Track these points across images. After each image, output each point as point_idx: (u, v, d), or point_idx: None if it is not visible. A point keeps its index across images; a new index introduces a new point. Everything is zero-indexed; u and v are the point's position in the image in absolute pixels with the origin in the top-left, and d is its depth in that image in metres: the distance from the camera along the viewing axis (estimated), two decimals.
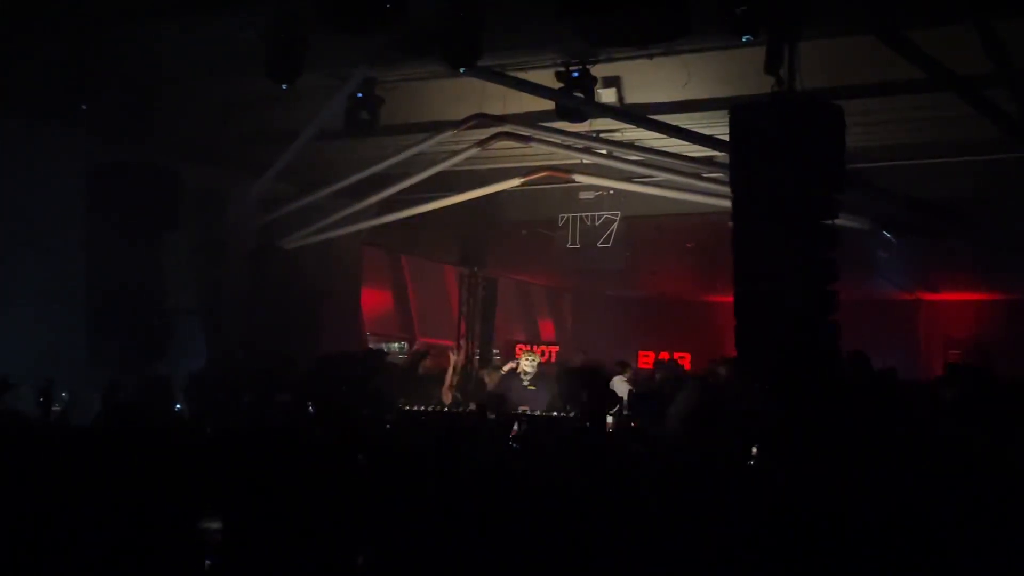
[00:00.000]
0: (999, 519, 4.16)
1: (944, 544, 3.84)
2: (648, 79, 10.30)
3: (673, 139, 10.73)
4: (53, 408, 9.06)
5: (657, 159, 11.50)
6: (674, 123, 10.40)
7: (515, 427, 7.76)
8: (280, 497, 4.51)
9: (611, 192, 12.82)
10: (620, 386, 10.55)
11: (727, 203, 8.35)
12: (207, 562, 4.46)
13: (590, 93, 10.00)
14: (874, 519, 3.83)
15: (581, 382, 5.85)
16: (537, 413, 10.26)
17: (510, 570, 3.86)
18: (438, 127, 11.45)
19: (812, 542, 3.71)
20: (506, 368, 12.98)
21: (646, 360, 17.81)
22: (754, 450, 6.25)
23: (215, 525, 4.49)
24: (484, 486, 4.31)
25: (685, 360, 16.19)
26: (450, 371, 11.94)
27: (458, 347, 16.91)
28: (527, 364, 11.77)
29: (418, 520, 3.92)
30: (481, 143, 11.49)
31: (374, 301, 17.39)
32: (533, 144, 11.58)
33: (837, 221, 7.91)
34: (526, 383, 11.55)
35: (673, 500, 4.41)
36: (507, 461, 5.39)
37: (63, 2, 9.01)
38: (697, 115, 10.51)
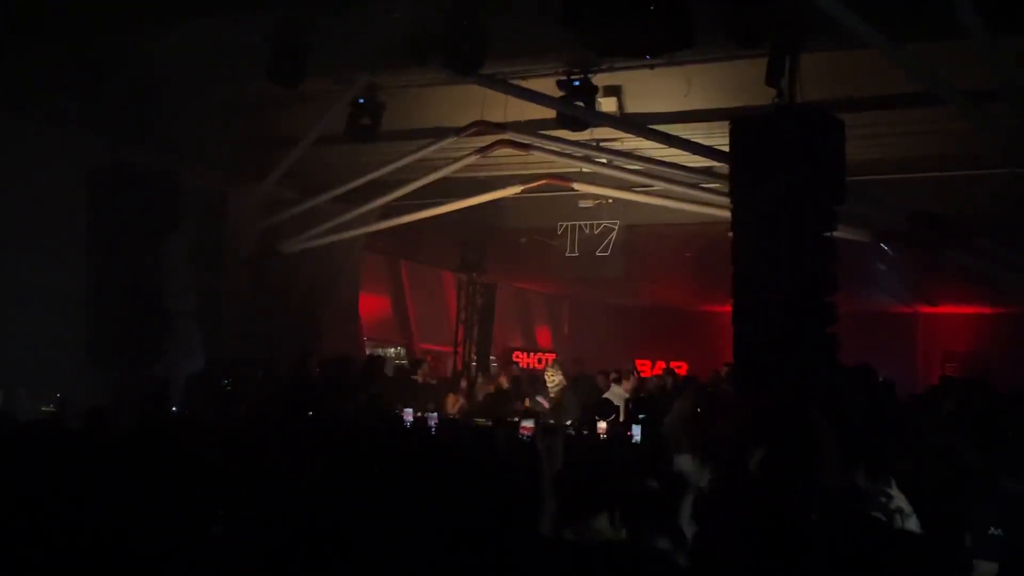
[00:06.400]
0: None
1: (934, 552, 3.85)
2: (649, 89, 10.33)
3: (673, 149, 10.75)
4: (44, 409, 9.11)
5: (657, 169, 11.51)
6: (674, 133, 10.41)
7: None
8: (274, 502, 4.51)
9: (610, 201, 12.85)
10: (617, 395, 10.58)
11: (726, 213, 8.35)
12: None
13: (591, 102, 10.02)
14: (866, 527, 3.85)
15: None
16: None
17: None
18: (439, 133, 11.47)
19: (804, 549, 3.72)
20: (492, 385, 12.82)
21: (642, 370, 17.81)
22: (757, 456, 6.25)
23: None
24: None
25: (682, 369, 16.21)
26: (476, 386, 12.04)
27: (455, 353, 16.95)
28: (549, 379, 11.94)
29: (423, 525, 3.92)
30: (482, 150, 11.51)
31: (373, 306, 17.41)
32: (533, 152, 11.60)
33: (836, 233, 7.92)
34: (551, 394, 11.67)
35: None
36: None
37: (66, 5, 9.02)
38: (697, 125, 10.53)
